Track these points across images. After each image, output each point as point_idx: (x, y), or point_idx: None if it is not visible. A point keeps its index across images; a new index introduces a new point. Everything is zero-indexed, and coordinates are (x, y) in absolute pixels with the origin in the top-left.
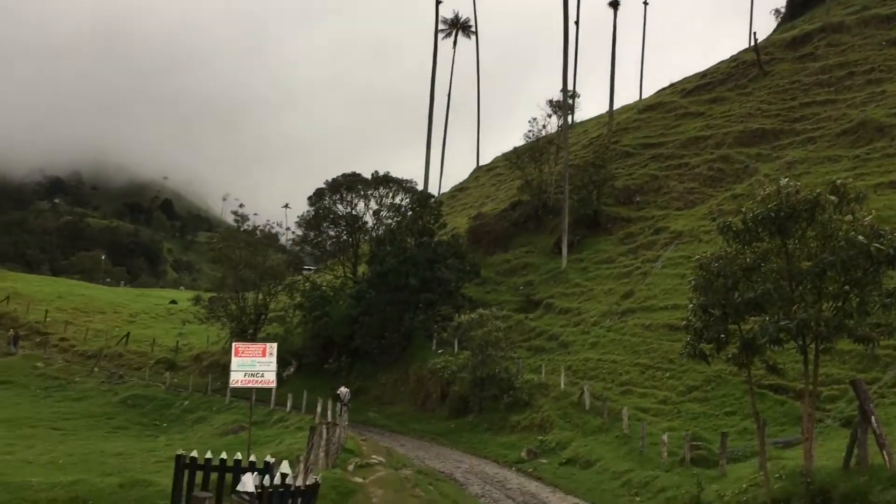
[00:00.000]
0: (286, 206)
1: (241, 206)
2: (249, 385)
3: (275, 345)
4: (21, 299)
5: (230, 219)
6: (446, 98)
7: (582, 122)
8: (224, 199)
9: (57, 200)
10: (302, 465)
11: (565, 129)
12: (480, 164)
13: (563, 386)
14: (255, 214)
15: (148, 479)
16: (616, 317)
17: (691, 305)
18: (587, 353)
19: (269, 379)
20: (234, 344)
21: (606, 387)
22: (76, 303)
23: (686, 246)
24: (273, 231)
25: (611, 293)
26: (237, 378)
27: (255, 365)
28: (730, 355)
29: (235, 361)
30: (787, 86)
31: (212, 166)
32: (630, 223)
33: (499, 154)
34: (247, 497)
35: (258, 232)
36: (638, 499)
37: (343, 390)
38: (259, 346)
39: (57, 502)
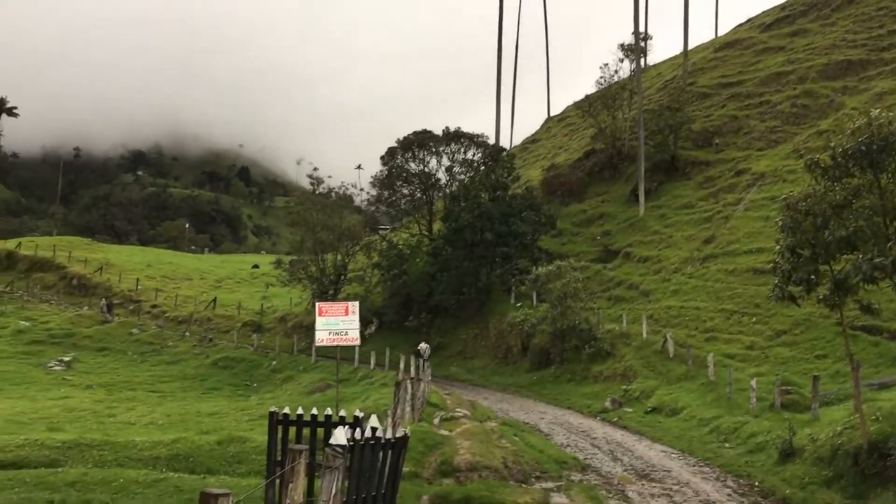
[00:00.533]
0: (359, 167)
1: (315, 169)
2: (334, 343)
3: (356, 303)
4: (113, 269)
5: (305, 182)
6: (514, 49)
7: (655, 65)
8: (298, 164)
9: (140, 173)
10: (390, 419)
11: (638, 73)
12: (551, 114)
13: (644, 335)
14: (329, 177)
15: (244, 435)
16: (697, 263)
17: (778, 247)
18: (669, 300)
19: (353, 337)
20: (317, 304)
21: (690, 334)
22: (164, 271)
23: (769, 187)
24: (348, 193)
25: (691, 239)
26: (322, 337)
27: (338, 324)
28: (820, 297)
29: (320, 321)
30: (873, 13)
31: (284, 132)
32: (709, 167)
33: (570, 103)
34: (339, 450)
35: (333, 194)
36: (727, 445)
37: (423, 346)
38: (342, 304)
39: (160, 460)
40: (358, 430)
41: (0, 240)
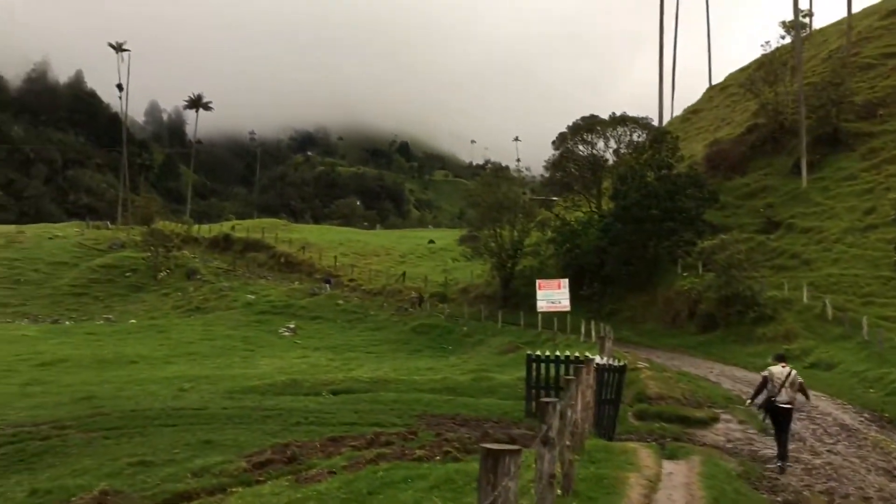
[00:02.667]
0: (516, 139)
1: (472, 142)
2: (551, 310)
3: (566, 280)
4: (313, 248)
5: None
6: (675, 13)
7: (821, 29)
8: (455, 137)
9: (309, 153)
10: (606, 358)
11: (799, 50)
12: (713, 82)
13: (805, 300)
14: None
15: (489, 375)
16: (858, 233)
17: None
18: (829, 269)
19: (565, 305)
20: (537, 280)
21: (848, 299)
22: (355, 248)
23: None
24: (521, 174)
25: (852, 210)
26: (542, 305)
27: (553, 295)
28: None
29: (539, 293)
30: None
31: (438, 107)
32: (873, 138)
33: (733, 70)
34: (595, 368)
35: (488, 167)
36: (871, 390)
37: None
38: (555, 281)
39: (436, 390)
40: (597, 358)
41: (194, 221)
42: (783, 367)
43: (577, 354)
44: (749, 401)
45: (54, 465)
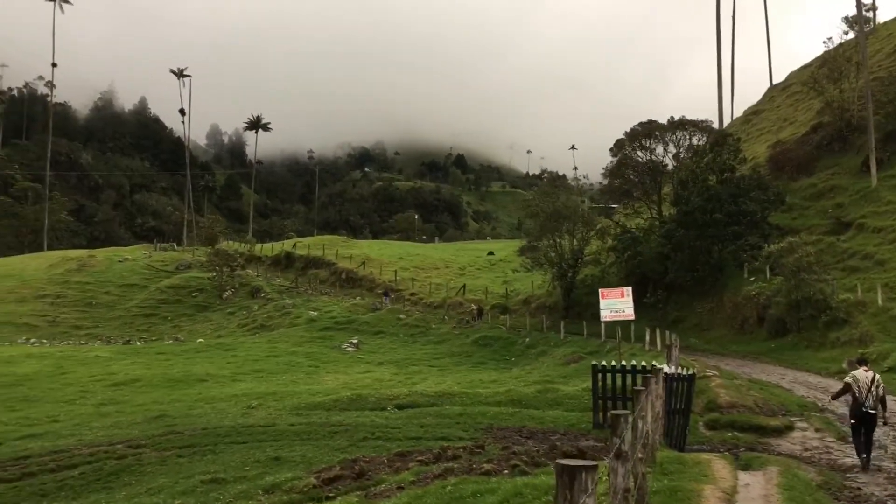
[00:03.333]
0: (572, 147)
1: (528, 152)
2: (615, 319)
3: (630, 288)
4: (373, 263)
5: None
6: (731, 13)
7: (885, 23)
8: (510, 148)
9: (367, 169)
10: (673, 367)
11: (863, 45)
12: (773, 82)
13: (880, 302)
14: (543, 158)
15: (555, 386)
16: None
17: None
18: None
19: (629, 313)
20: (599, 290)
21: None
22: (414, 262)
23: None
24: (580, 183)
25: None
26: (605, 314)
27: (616, 304)
28: None
29: (602, 303)
30: None
31: (493, 118)
32: None
33: (794, 69)
34: (663, 377)
35: (545, 177)
36: None
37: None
38: (618, 290)
39: (501, 402)
40: (665, 367)
41: (256, 240)
42: (866, 370)
43: (643, 364)
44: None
45: (130, 484)
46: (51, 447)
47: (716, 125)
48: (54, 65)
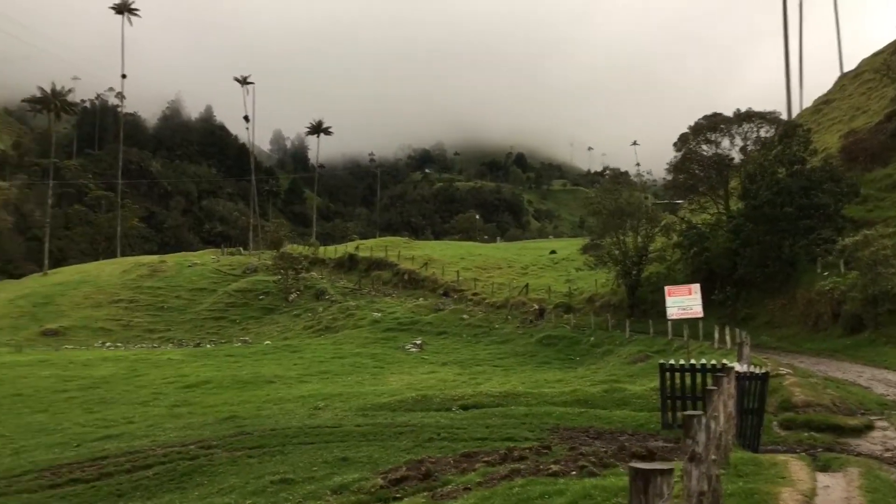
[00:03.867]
0: (634, 143)
1: (589, 149)
2: (682, 317)
3: (697, 285)
4: (436, 263)
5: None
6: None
7: None
8: (571, 145)
9: (427, 170)
10: (745, 365)
11: None
12: (844, 70)
13: None
14: (604, 155)
15: (621, 386)
16: None
17: None
18: None
19: (697, 310)
20: (665, 287)
21: None
22: (476, 262)
23: None
24: (643, 179)
25: None
26: (672, 312)
27: (683, 301)
28: None
29: (669, 300)
30: None
31: (552, 116)
32: None
33: (866, 56)
34: (735, 375)
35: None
36: None
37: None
38: (685, 287)
39: (567, 402)
40: (736, 365)
41: (319, 243)
42: None
43: (713, 362)
44: None
45: (202, 485)
46: (126, 448)
47: (784, 116)
48: (124, 76)
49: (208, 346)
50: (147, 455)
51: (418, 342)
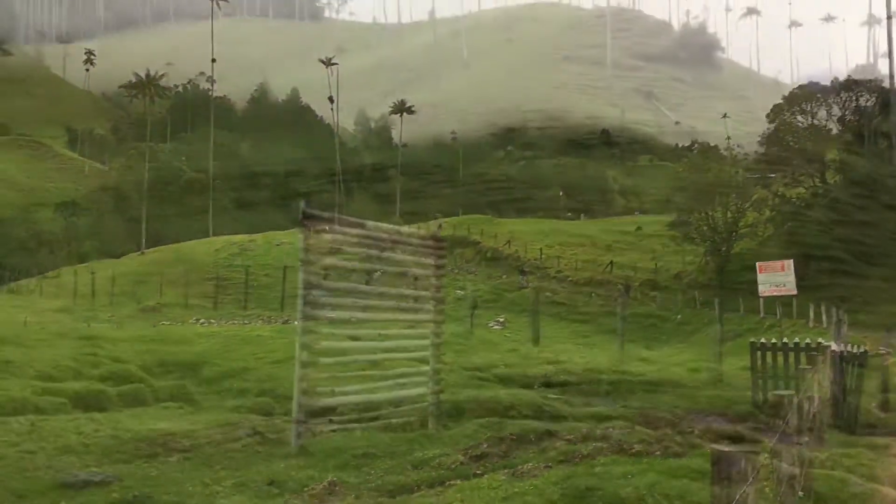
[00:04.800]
0: (725, 115)
1: (676, 123)
2: (774, 294)
3: (790, 261)
4: (518, 241)
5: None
6: None
7: None
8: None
9: (510, 148)
10: (842, 344)
11: None
12: None
13: None
14: (692, 128)
15: (710, 365)
16: None
17: None
18: None
19: (790, 288)
20: (757, 263)
21: None
22: (559, 239)
23: None
24: (734, 153)
25: None
26: (764, 289)
27: (776, 278)
28: None
29: (761, 277)
30: None
31: (637, 90)
32: None
33: None
34: (831, 354)
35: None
36: None
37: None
38: (778, 263)
39: (651, 381)
40: (832, 345)
41: (403, 222)
42: None
43: (807, 341)
44: None
45: (290, 457)
46: (214, 421)
47: (886, 84)
48: (213, 60)
49: (295, 323)
50: (236, 427)
51: (501, 319)
